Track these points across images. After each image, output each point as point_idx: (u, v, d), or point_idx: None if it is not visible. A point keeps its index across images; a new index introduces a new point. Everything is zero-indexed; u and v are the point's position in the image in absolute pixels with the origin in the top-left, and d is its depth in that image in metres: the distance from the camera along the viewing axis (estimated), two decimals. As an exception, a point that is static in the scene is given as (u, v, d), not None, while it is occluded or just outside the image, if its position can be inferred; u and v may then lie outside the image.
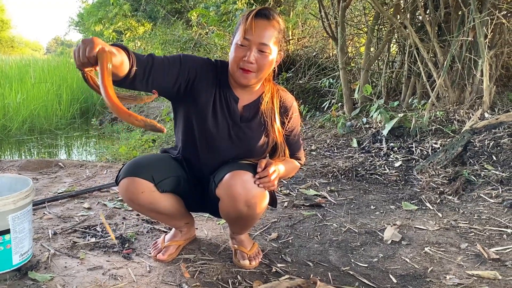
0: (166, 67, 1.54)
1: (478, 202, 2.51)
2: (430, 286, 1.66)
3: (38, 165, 3.51)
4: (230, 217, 1.70)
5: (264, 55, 1.56)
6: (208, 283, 1.69)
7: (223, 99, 1.70)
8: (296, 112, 1.81)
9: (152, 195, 1.66)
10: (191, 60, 1.63)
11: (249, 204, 1.60)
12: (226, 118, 1.71)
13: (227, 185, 1.59)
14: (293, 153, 1.86)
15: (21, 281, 1.68)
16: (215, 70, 1.69)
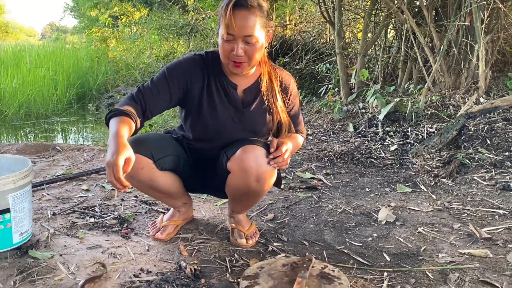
0: (156, 94, 1.65)
1: (471, 184, 2.55)
2: (423, 264, 1.70)
3: (35, 149, 3.52)
4: (238, 191, 1.73)
5: (251, 44, 1.56)
6: (206, 260, 1.73)
7: (220, 88, 1.72)
8: (294, 89, 1.83)
9: (151, 171, 1.70)
10: (175, 71, 1.68)
11: (259, 178, 1.64)
12: (227, 106, 1.73)
13: (240, 158, 1.62)
14: (296, 127, 1.87)
15: (21, 259, 1.71)
16: (204, 64, 1.71)
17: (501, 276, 1.60)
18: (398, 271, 1.65)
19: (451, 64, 4.04)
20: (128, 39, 11.78)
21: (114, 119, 1.52)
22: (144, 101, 1.62)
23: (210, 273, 1.64)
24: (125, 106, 1.58)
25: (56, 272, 1.62)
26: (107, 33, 13.77)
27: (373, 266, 1.70)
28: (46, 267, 1.65)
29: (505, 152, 2.86)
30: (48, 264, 1.67)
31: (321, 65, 5.21)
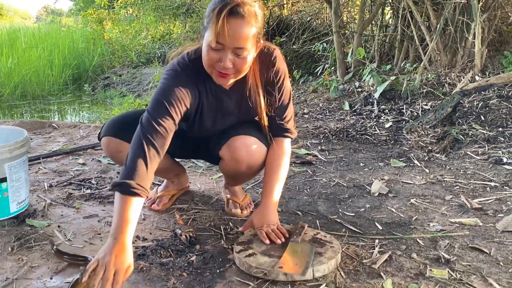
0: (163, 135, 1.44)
1: (464, 159, 2.58)
2: (414, 232, 1.73)
3: (32, 126, 3.52)
4: (230, 174, 1.78)
5: (241, 57, 1.41)
6: (201, 229, 1.76)
7: (210, 96, 1.60)
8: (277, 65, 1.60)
9: None
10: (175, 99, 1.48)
11: (251, 166, 1.67)
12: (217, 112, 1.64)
13: (231, 148, 1.62)
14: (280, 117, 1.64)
15: (19, 227, 1.73)
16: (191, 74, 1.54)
17: (490, 242, 1.63)
18: (390, 239, 1.68)
19: (448, 43, 4.04)
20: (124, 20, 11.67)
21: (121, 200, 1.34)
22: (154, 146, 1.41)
23: (205, 240, 1.66)
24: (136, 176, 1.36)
25: (53, 239, 1.64)
26: (103, 14, 13.61)
27: (365, 234, 1.73)
28: (43, 235, 1.67)
29: (499, 128, 2.88)
30: (45, 232, 1.70)
31: (318, 45, 5.19)
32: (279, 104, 1.64)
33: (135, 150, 1.40)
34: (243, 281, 1.38)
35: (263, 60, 1.58)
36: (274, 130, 1.66)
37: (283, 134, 1.67)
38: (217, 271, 1.44)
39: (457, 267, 1.47)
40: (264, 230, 1.57)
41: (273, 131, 1.67)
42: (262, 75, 1.59)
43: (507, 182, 2.18)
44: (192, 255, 1.53)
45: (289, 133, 1.68)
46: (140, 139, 1.41)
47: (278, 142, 1.67)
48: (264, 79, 1.60)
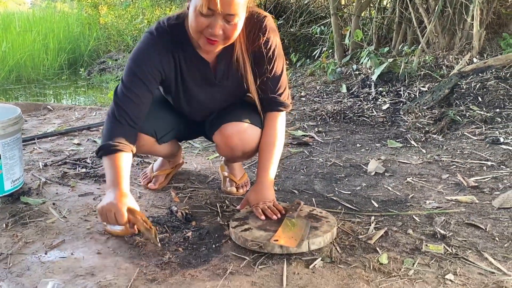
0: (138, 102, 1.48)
1: (461, 139, 2.57)
2: (410, 209, 1.73)
3: (26, 108, 3.49)
4: (225, 157, 1.81)
5: (231, 24, 1.37)
6: (197, 206, 1.75)
7: (192, 68, 1.57)
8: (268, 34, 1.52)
9: (151, 146, 1.71)
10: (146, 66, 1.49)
11: (246, 152, 1.68)
12: (201, 84, 1.62)
13: (224, 135, 1.63)
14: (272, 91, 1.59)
15: (13, 205, 1.72)
16: (168, 41, 1.51)
17: (486, 219, 1.64)
18: (386, 215, 1.68)
19: (446, 25, 4.00)
20: (119, 5, 11.54)
21: (107, 159, 1.43)
22: (129, 116, 1.47)
23: (201, 217, 1.66)
24: (114, 137, 1.44)
25: (48, 216, 1.63)
26: (98, -1, 13.47)
27: (361, 211, 1.73)
28: (38, 212, 1.67)
29: (496, 109, 2.87)
30: (40, 209, 1.69)
31: (315, 27, 5.14)
32: (270, 76, 1.57)
33: (110, 121, 1.49)
34: (239, 255, 1.38)
35: (252, 28, 1.51)
36: (267, 105, 1.63)
37: (277, 108, 1.62)
38: (213, 246, 1.44)
39: (453, 242, 1.47)
40: (260, 206, 1.56)
41: (266, 105, 1.63)
42: (250, 42, 1.53)
43: (503, 161, 2.18)
44: (188, 231, 1.53)
45: (283, 107, 1.63)
46: (113, 111, 1.49)
47: (272, 117, 1.63)
48: (252, 48, 1.53)
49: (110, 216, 1.34)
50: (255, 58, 1.57)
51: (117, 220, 1.33)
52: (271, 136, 1.64)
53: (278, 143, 1.64)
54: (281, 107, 1.63)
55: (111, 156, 1.43)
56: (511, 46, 3.67)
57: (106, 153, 1.44)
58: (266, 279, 1.26)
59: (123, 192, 1.39)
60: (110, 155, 1.43)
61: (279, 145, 1.64)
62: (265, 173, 1.61)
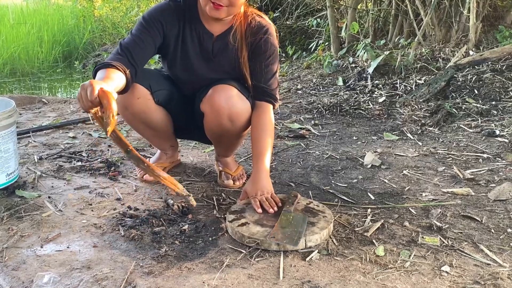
0: (139, 44, 1.60)
1: (457, 132, 2.58)
2: (406, 202, 1.74)
3: (21, 101, 3.46)
4: (215, 134, 1.74)
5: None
6: (194, 199, 1.74)
7: (195, 37, 1.69)
8: (268, 36, 1.67)
9: (147, 103, 1.70)
10: (152, 18, 1.64)
11: (232, 118, 1.64)
12: (199, 55, 1.71)
13: (211, 99, 1.62)
14: (265, 82, 1.68)
15: (9, 198, 1.71)
16: (180, 11, 1.66)
17: (482, 211, 1.64)
18: (382, 208, 1.68)
19: (442, 17, 4.00)
20: (114, -3, 11.46)
21: (100, 71, 1.47)
22: (130, 53, 1.57)
23: (198, 210, 1.66)
24: (111, 60, 1.53)
25: (44, 209, 1.63)
26: (93, -9, 13.35)
27: (357, 203, 1.73)
28: (33, 205, 1.66)
29: (492, 101, 2.88)
30: (35, 203, 1.68)
31: (312, 20, 5.12)
32: (266, 70, 1.67)
33: (111, 54, 1.59)
34: (235, 249, 1.38)
35: (254, 23, 1.66)
36: (259, 93, 1.69)
37: (268, 99, 1.69)
38: (209, 239, 1.44)
39: (449, 234, 1.47)
40: (258, 198, 1.56)
41: (258, 93, 1.69)
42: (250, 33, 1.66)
43: (499, 154, 2.19)
44: (184, 224, 1.52)
45: (273, 100, 1.70)
46: (116, 50, 1.59)
47: (262, 107, 1.69)
48: (250, 38, 1.66)
49: (83, 94, 1.26)
50: (252, 48, 1.67)
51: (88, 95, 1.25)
52: (264, 125, 1.67)
53: (270, 133, 1.68)
54: (272, 100, 1.70)
55: (104, 69, 1.46)
56: (507, 39, 3.68)
57: (100, 68, 1.48)
58: (263, 272, 1.26)
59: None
60: (103, 69, 1.46)
61: (271, 135, 1.68)
62: (261, 163, 1.63)
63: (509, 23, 4.12)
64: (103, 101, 1.25)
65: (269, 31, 1.68)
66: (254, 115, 1.69)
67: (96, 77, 1.45)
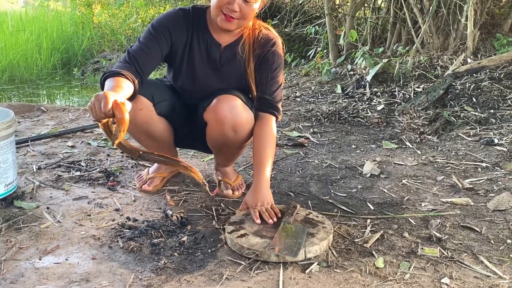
0: (147, 52, 1.61)
1: (456, 140, 2.58)
2: (405, 212, 1.74)
3: (20, 109, 3.46)
4: (217, 143, 1.74)
5: (248, 3, 1.53)
6: (192, 210, 1.74)
7: (202, 47, 1.70)
8: (275, 48, 1.70)
9: (149, 114, 1.70)
10: (161, 26, 1.65)
11: (236, 128, 1.64)
12: (205, 65, 1.72)
13: (215, 108, 1.62)
14: (270, 94, 1.69)
15: (7, 209, 1.71)
16: (188, 20, 1.68)
17: (481, 221, 1.64)
18: (381, 218, 1.68)
19: (440, 25, 4.02)
20: (113, 4, 11.48)
21: (109, 79, 1.47)
22: (137, 62, 1.59)
23: (197, 220, 1.65)
24: (119, 68, 1.53)
25: (42, 221, 1.62)
26: (92, -3, 13.39)
27: (357, 214, 1.73)
28: (32, 216, 1.65)
29: (490, 110, 2.89)
30: (34, 214, 1.67)
31: (310, 27, 5.14)
32: (271, 82, 1.69)
33: (119, 62, 1.59)
34: (234, 260, 1.37)
35: (260, 36, 1.69)
36: (263, 104, 1.70)
37: (271, 110, 1.71)
38: (208, 250, 1.43)
39: (448, 245, 1.47)
40: (258, 209, 1.56)
41: (262, 104, 1.71)
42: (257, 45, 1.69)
43: (498, 163, 2.19)
44: (183, 235, 1.52)
45: (277, 112, 1.72)
46: (124, 57, 1.61)
47: (266, 118, 1.70)
48: (257, 50, 1.69)
49: (97, 105, 1.27)
50: (260, 60, 1.70)
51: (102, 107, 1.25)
52: (266, 136, 1.68)
53: (272, 144, 1.69)
54: (275, 112, 1.71)
55: (113, 78, 1.47)
56: (504, 47, 3.69)
57: (109, 76, 1.48)
58: (263, 285, 1.25)
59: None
60: (112, 77, 1.47)
61: (273, 146, 1.69)
62: (261, 173, 1.63)
63: (506, 30, 4.14)
64: (116, 114, 1.26)
65: (276, 43, 1.70)
66: (257, 126, 1.69)
67: (105, 85, 1.46)
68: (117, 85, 1.42)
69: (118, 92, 1.37)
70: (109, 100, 1.25)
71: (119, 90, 1.38)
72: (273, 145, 1.69)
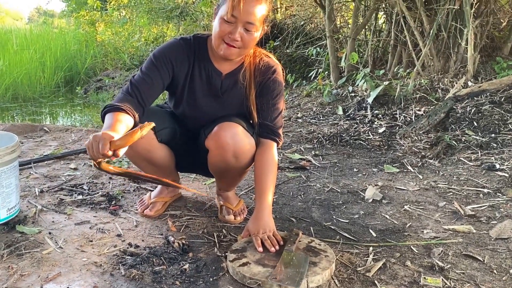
0: (149, 83, 1.63)
1: (457, 165, 2.59)
2: (407, 239, 1.73)
3: (23, 129, 3.48)
4: (218, 169, 1.75)
5: (250, 33, 1.55)
6: (194, 236, 1.74)
7: (204, 76, 1.72)
8: (276, 76, 1.72)
9: (150, 142, 1.72)
10: (163, 57, 1.66)
11: (237, 155, 1.65)
12: (207, 94, 1.74)
13: (216, 136, 1.63)
14: (271, 120, 1.71)
15: (9, 234, 1.70)
16: (189, 49, 1.69)
17: (484, 250, 1.64)
18: (384, 246, 1.68)
19: (440, 48, 4.06)
20: (117, 22, 11.63)
21: (109, 114, 1.49)
22: (139, 93, 1.60)
23: (198, 247, 1.65)
24: (120, 101, 1.54)
25: (44, 246, 1.62)
26: (96, 16, 13.55)
27: (359, 241, 1.72)
28: (34, 242, 1.65)
29: (491, 134, 2.90)
30: (35, 239, 1.67)
31: (311, 49, 5.20)
32: (272, 109, 1.72)
33: (121, 93, 1.60)
34: (236, 290, 1.36)
35: (261, 63, 1.72)
36: (265, 131, 1.72)
37: (272, 137, 1.72)
38: (210, 279, 1.43)
39: (451, 275, 1.46)
40: (260, 236, 1.56)
41: (263, 131, 1.72)
42: (258, 73, 1.71)
43: (499, 189, 2.19)
44: (185, 263, 1.51)
45: (278, 138, 1.73)
46: (126, 87, 1.62)
47: (267, 144, 1.71)
48: (258, 77, 1.71)
49: (95, 146, 1.30)
50: (261, 87, 1.72)
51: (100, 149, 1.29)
52: (267, 163, 1.69)
53: (273, 170, 1.69)
54: (277, 138, 1.73)
55: (113, 113, 1.48)
56: (504, 70, 3.72)
57: (109, 111, 1.50)
58: (265, 316, 1.24)
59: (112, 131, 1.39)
60: (112, 112, 1.49)
61: (274, 172, 1.70)
62: (263, 200, 1.64)
63: (506, 54, 4.19)
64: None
65: (276, 71, 1.73)
66: (258, 152, 1.70)
67: (105, 120, 1.47)
68: (116, 120, 1.43)
69: (117, 129, 1.39)
70: (106, 144, 1.28)
71: (118, 127, 1.40)
72: (274, 171, 1.69)
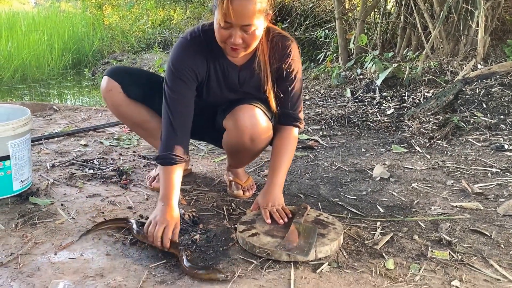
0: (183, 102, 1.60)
1: (466, 145, 2.59)
2: (415, 215, 1.75)
3: (32, 108, 3.50)
4: (233, 149, 1.77)
5: (249, 33, 1.45)
6: (204, 209, 1.77)
7: (219, 72, 1.66)
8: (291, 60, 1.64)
9: (118, 96, 1.77)
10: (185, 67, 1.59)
11: (254, 138, 1.65)
12: (223, 89, 1.70)
13: (235, 117, 1.63)
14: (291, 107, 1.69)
15: (22, 205, 1.74)
16: (202, 47, 1.61)
17: (491, 226, 1.65)
18: (391, 221, 1.69)
19: (450, 31, 4.02)
20: (124, 6, 11.59)
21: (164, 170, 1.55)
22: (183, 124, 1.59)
23: (208, 220, 1.67)
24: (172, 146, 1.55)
25: (57, 217, 1.65)
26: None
27: (367, 216, 1.74)
28: (47, 212, 1.68)
29: (500, 116, 2.89)
30: (48, 210, 1.71)
31: (320, 31, 5.16)
32: (291, 95, 1.68)
33: (165, 123, 1.58)
34: (246, 259, 1.39)
35: (277, 47, 1.62)
36: (285, 118, 1.71)
37: (293, 123, 1.71)
38: (220, 249, 1.45)
39: (458, 248, 1.48)
40: (268, 209, 1.58)
41: (284, 119, 1.71)
42: (273, 58, 1.63)
43: (508, 168, 2.19)
44: (195, 233, 1.54)
45: (299, 123, 1.72)
46: (167, 112, 1.58)
47: (287, 130, 1.71)
48: (275, 64, 1.63)
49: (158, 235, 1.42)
50: (278, 74, 1.66)
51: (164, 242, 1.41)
52: (285, 143, 1.70)
53: (290, 151, 1.71)
54: (297, 123, 1.72)
55: (168, 168, 1.54)
56: (515, 53, 3.69)
57: (164, 163, 1.55)
58: (274, 283, 1.27)
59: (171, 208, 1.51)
60: (167, 166, 1.55)
61: (291, 153, 1.71)
62: (276, 176, 1.66)
63: (517, 37, 4.14)
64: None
65: (292, 52, 1.64)
66: (278, 136, 1.71)
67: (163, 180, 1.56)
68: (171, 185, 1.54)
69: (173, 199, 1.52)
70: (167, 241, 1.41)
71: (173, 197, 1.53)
72: (291, 153, 1.71)
